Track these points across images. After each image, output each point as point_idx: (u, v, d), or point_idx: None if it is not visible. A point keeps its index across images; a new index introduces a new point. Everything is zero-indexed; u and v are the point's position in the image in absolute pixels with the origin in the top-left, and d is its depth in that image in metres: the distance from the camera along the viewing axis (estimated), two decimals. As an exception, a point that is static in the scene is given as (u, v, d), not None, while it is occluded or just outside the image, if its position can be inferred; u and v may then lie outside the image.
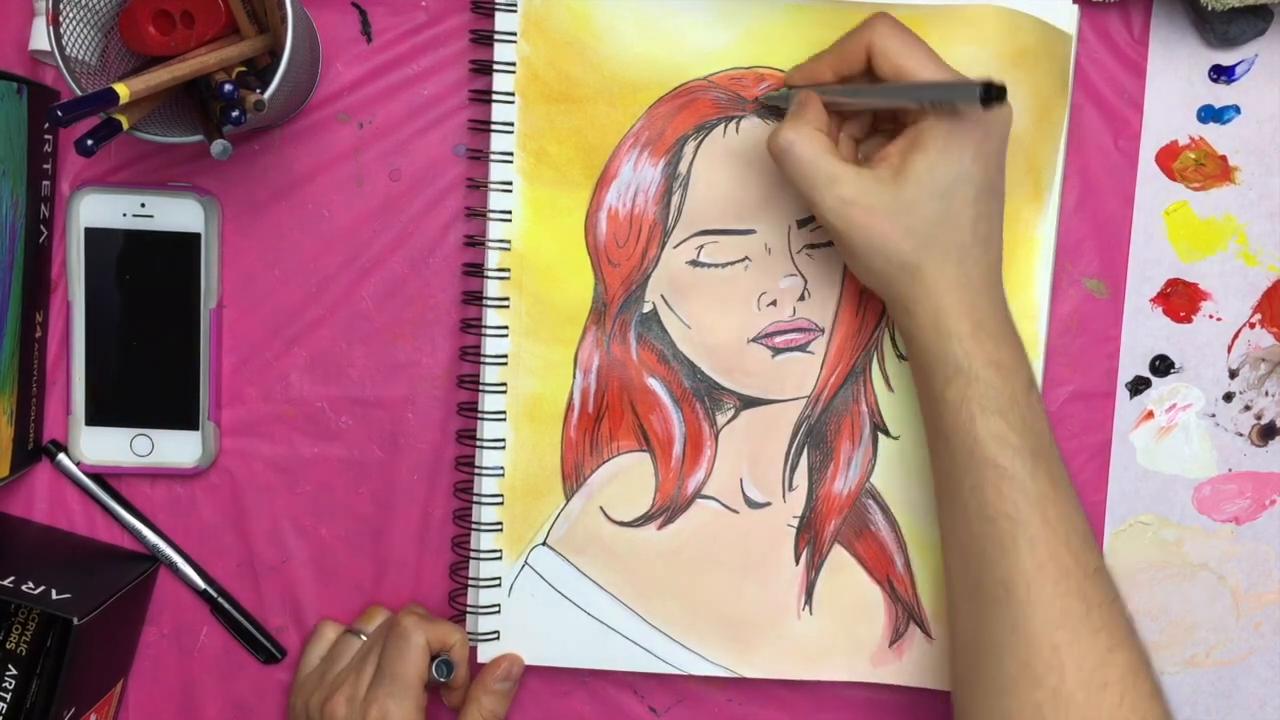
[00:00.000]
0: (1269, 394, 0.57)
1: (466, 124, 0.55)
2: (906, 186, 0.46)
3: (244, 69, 0.47)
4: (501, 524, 0.55)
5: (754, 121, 0.54)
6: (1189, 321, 0.57)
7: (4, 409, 0.52)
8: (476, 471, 0.55)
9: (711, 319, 0.55)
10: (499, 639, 0.55)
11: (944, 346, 0.47)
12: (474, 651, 0.55)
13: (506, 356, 0.54)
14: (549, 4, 0.53)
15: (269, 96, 0.45)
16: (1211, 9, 0.53)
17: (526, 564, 0.55)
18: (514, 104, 0.54)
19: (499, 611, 0.55)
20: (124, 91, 0.42)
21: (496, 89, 0.53)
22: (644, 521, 0.55)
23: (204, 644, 0.57)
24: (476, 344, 0.55)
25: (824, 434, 0.56)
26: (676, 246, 0.54)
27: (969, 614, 0.48)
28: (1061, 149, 0.54)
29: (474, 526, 0.55)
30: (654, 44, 0.54)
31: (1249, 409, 0.57)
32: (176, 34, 0.48)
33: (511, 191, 0.54)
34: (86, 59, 0.47)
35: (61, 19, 0.45)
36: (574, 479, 0.55)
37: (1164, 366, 0.57)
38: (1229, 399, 0.57)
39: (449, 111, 0.55)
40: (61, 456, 0.55)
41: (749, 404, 0.55)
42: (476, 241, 0.55)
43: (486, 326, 0.54)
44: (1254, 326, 0.57)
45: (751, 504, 0.56)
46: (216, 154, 0.44)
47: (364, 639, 0.55)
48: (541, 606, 0.55)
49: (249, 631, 0.57)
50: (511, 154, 0.54)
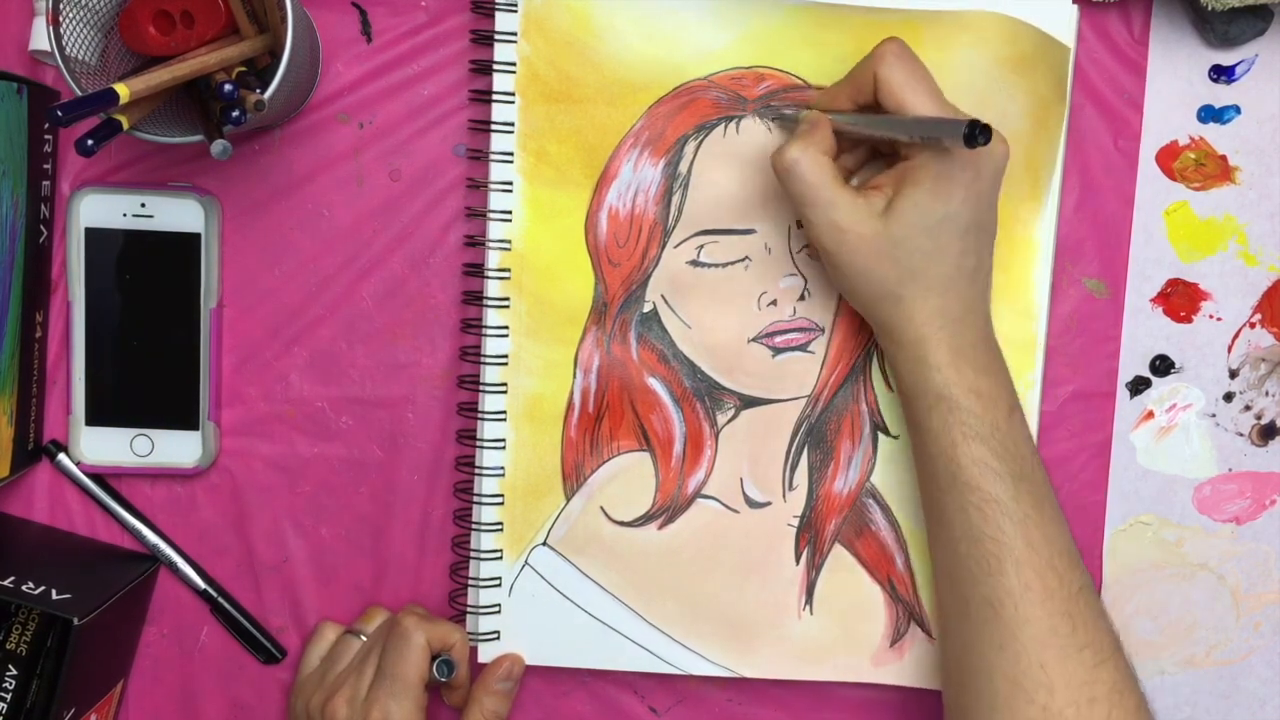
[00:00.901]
0: (1269, 394, 0.57)
1: (466, 124, 0.55)
2: (896, 221, 0.47)
3: (244, 69, 0.47)
4: (502, 524, 0.55)
5: (754, 121, 0.54)
6: (1189, 321, 0.57)
7: (4, 409, 0.52)
8: (477, 471, 0.55)
9: (712, 319, 0.55)
10: (499, 639, 0.55)
11: (925, 375, 0.48)
12: (474, 651, 0.55)
13: (507, 356, 0.54)
14: (549, 4, 0.53)
15: (269, 96, 0.45)
16: (1211, 9, 0.53)
17: (527, 564, 0.55)
18: (514, 104, 0.54)
19: (499, 611, 0.55)
20: (124, 91, 0.42)
21: (496, 89, 0.53)
22: (644, 521, 0.55)
23: (204, 644, 0.57)
24: (476, 344, 0.55)
25: (824, 433, 0.56)
26: (677, 246, 0.54)
27: (958, 633, 0.49)
28: (1060, 150, 0.54)
29: (474, 526, 0.55)
30: (654, 44, 0.54)
31: (1249, 409, 0.57)
32: (176, 34, 0.48)
33: (512, 191, 0.54)
34: (86, 59, 0.47)
35: (61, 19, 0.45)
36: (574, 479, 0.55)
37: (1164, 366, 0.57)
38: (1229, 399, 0.57)
39: (449, 111, 0.55)
40: (61, 456, 0.55)
41: (749, 404, 0.55)
42: (477, 241, 0.55)
43: (487, 326, 0.54)
44: (1254, 326, 0.57)
45: (752, 504, 0.56)
46: (216, 154, 0.44)
47: (364, 639, 0.55)
48: (542, 606, 0.55)
49: (249, 631, 0.57)
50: (512, 154, 0.54)
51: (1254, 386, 0.57)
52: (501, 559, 0.55)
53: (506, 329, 0.54)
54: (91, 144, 0.42)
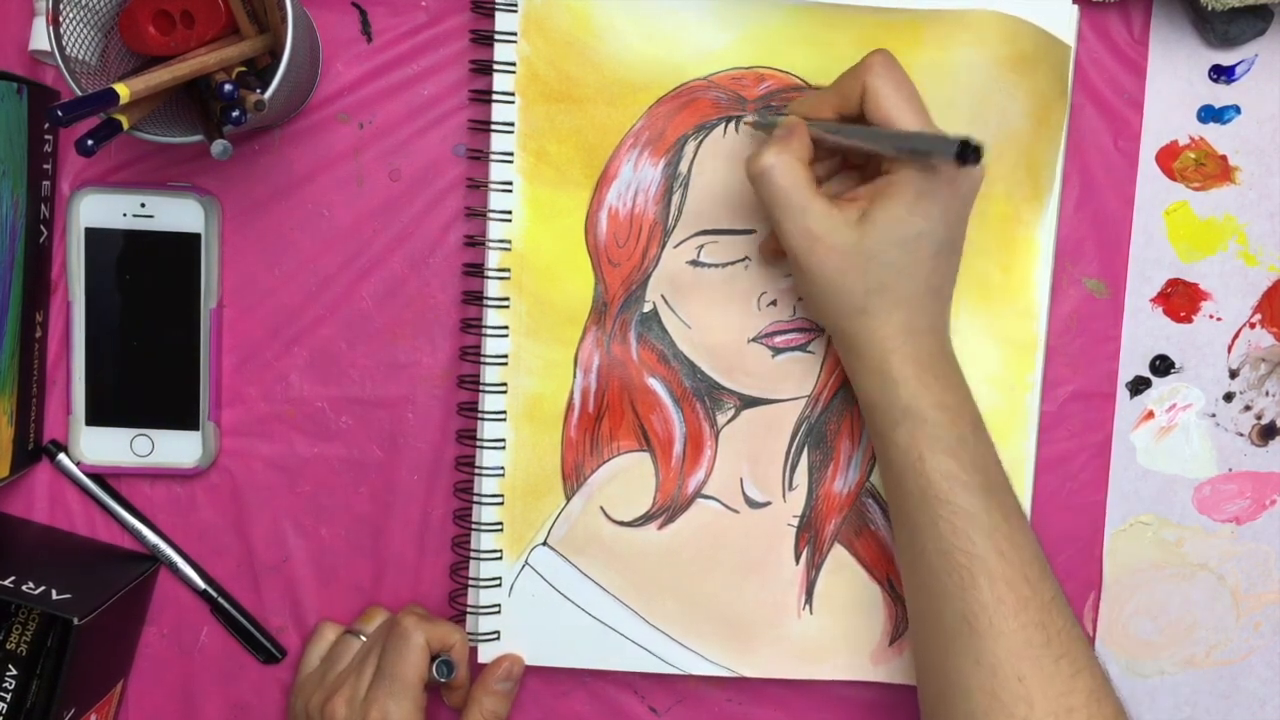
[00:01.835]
0: (1269, 394, 0.57)
1: (466, 124, 0.55)
2: (870, 233, 0.46)
3: (244, 69, 0.47)
4: (502, 524, 0.55)
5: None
6: (1189, 321, 0.57)
7: (4, 409, 0.52)
8: (477, 471, 0.55)
9: (712, 319, 0.55)
10: (499, 639, 0.55)
11: (890, 389, 0.48)
12: (474, 652, 0.55)
13: (507, 356, 0.54)
14: (549, 4, 0.53)
15: (269, 96, 0.45)
16: (1211, 9, 0.53)
17: (527, 564, 0.55)
18: (514, 104, 0.54)
19: (499, 611, 0.55)
20: (124, 91, 0.42)
21: (496, 89, 0.53)
22: (644, 521, 0.55)
23: (204, 644, 0.57)
24: (476, 344, 0.55)
25: (824, 433, 0.56)
26: (677, 246, 0.54)
27: (933, 647, 0.48)
28: (1061, 151, 0.54)
29: (474, 526, 0.55)
30: (654, 44, 0.54)
31: (1249, 409, 0.57)
32: (176, 34, 0.48)
33: (512, 191, 0.54)
34: (86, 59, 0.47)
35: (61, 19, 0.45)
36: (574, 479, 0.55)
37: (1164, 366, 0.57)
38: (1229, 399, 0.57)
39: (449, 111, 0.55)
40: (61, 457, 0.55)
41: (749, 404, 0.55)
42: (476, 241, 0.55)
43: (486, 326, 0.54)
44: (1254, 326, 0.57)
45: (752, 503, 0.56)
46: (216, 154, 0.44)
47: (364, 639, 0.55)
48: (542, 606, 0.55)
49: (249, 631, 0.57)
50: (512, 154, 0.54)
51: (1254, 386, 0.57)
52: (501, 559, 0.55)
53: (506, 329, 0.54)
54: (91, 144, 0.42)
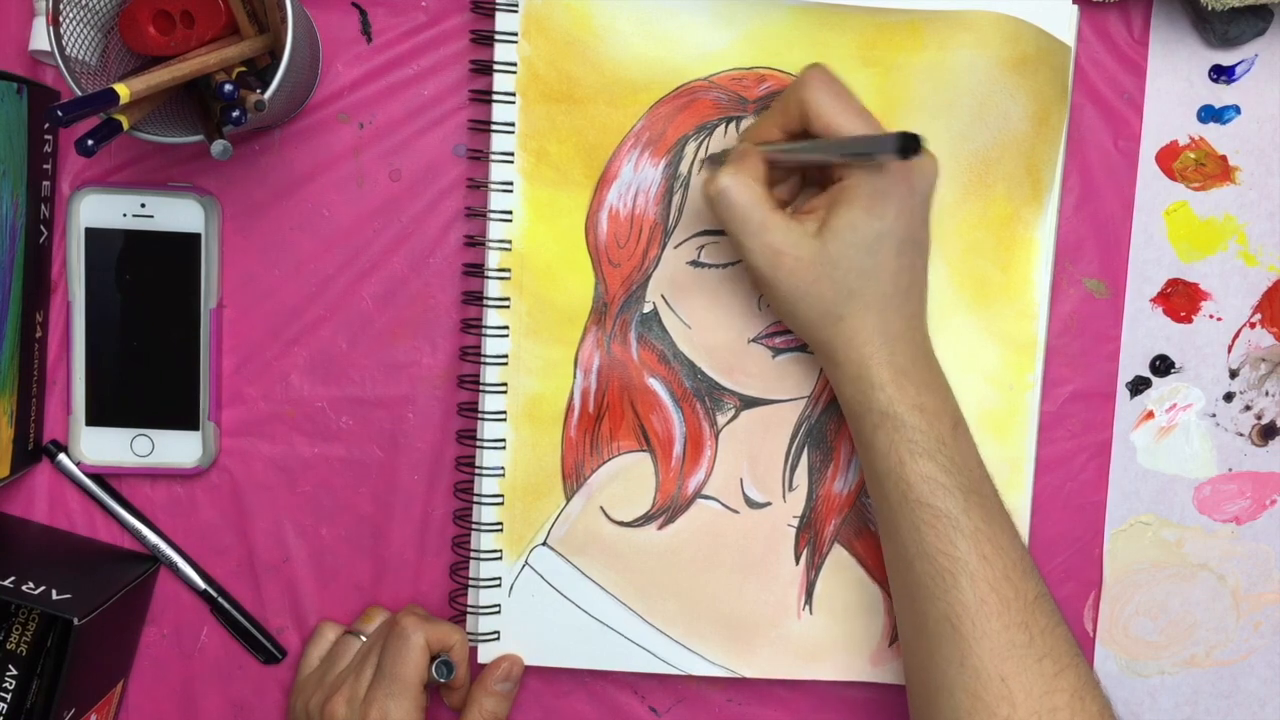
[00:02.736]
0: (1269, 394, 0.57)
1: (466, 124, 0.55)
2: (832, 240, 0.47)
3: (244, 69, 0.47)
4: (502, 524, 0.55)
5: (754, 122, 0.54)
6: (1189, 321, 0.57)
7: (4, 409, 0.52)
8: (477, 471, 0.55)
9: (712, 319, 0.55)
10: (499, 639, 0.55)
11: (868, 394, 0.48)
12: (474, 652, 0.55)
13: (507, 356, 0.54)
14: (549, 4, 0.53)
15: (269, 96, 0.45)
16: (1211, 9, 0.53)
17: (527, 564, 0.55)
18: (514, 104, 0.54)
19: (499, 612, 0.55)
20: (124, 91, 0.42)
21: (497, 89, 0.53)
22: (644, 521, 0.55)
23: (204, 644, 0.57)
24: (477, 344, 0.55)
25: (824, 434, 0.56)
26: (677, 247, 0.54)
27: (918, 649, 0.49)
28: (1061, 152, 0.54)
29: (474, 526, 0.55)
30: (655, 44, 0.54)
31: (1249, 409, 0.57)
32: (176, 34, 0.48)
33: (512, 191, 0.54)
34: (86, 59, 0.47)
35: (61, 19, 0.45)
36: (574, 479, 0.55)
37: (1164, 366, 0.57)
38: (1229, 399, 0.57)
39: (449, 111, 0.55)
40: (62, 457, 0.55)
41: (749, 404, 0.55)
42: (477, 241, 0.55)
43: (487, 326, 0.54)
44: (1254, 326, 0.57)
45: (752, 504, 0.56)
46: (217, 154, 0.44)
47: (364, 640, 0.55)
48: (542, 607, 0.55)
49: (249, 631, 0.57)
50: (512, 154, 0.54)
51: (1254, 386, 0.57)
52: (501, 559, 0.55)
53: (506, 329, 0.54)
54: (91, 144, 0.42)
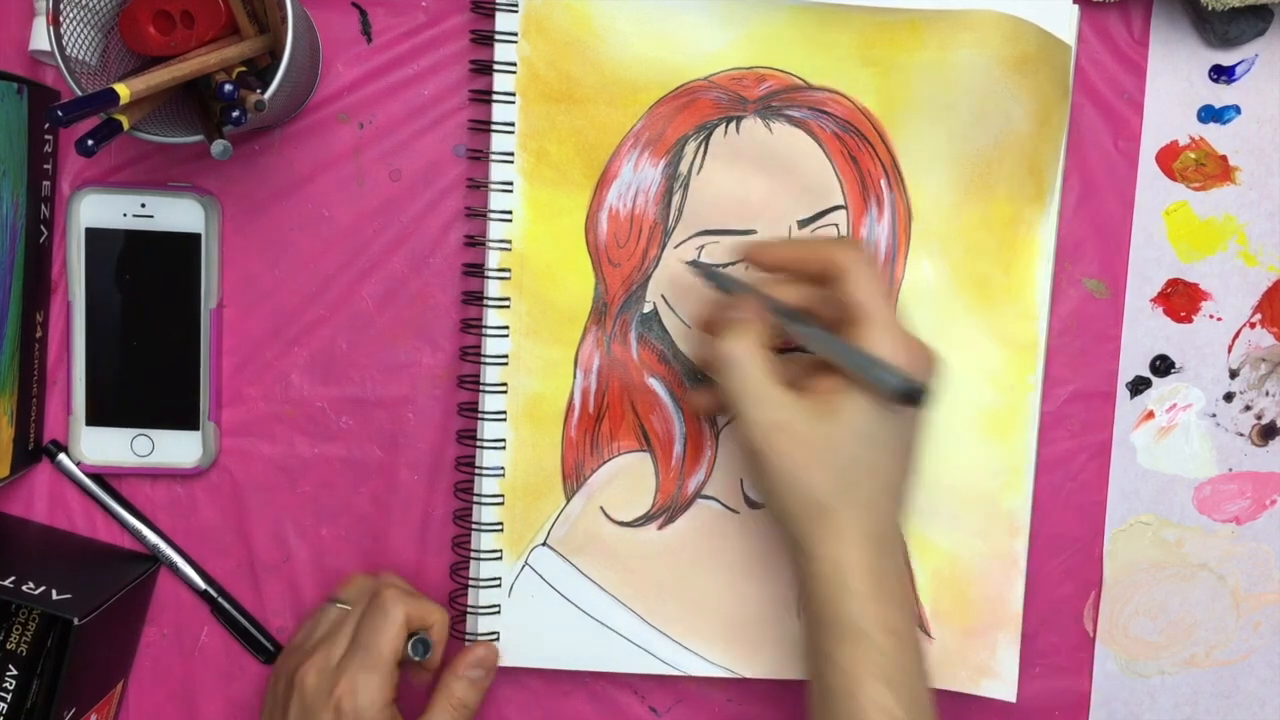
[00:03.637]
0: (1269, 394, 0.57)
1: (466, 124, 0.55)
2: (835, 424, 0.45)
3: (244, 69, 0.47)
4: (502, 524, 0.55)
5: (754, 122, 0.54)
6: (1189, 321, 0.57)
7: (4, 409, 0.52)
8: (477, 471, 0.55)
9: (712, 319, 0.55)
10: (499, 639, 0.55)
11: (842, 602, 0.46)
12: (474, 651, 0.55)
13: (507, 356, 0.54)
14: (549, 4, 0.53)
15: (269, 96, 0.45)
16: (1211, 9, 0.53)
17: (527, 564, 0.55)
18: (514, 104, 0.54)
19: (499, 612, 0.55)
20: (124, 91, 0.42)
21: (497, 89, 0.53)
22: (644, 522, 0.55)
23: (204, 644, 0.57)
24: (477, 344, 0.55)
25: (824, 434, 0.55)
26: (677, 247, 0.54)
27: None
28: (1062, 152, 0.54)
29: (474, 526, 0.55)
30: (654, 44, 0.54)
31: (1249, 409, 0.57)
32: (176, 34, 0.48)
33: (512, 191, 0.54)
34: (86, 59, 0.47)
35: (61, 19, 0.45)
36: (574, 479, 0.55)
37: (1164, 366, 0.57)
38: (1229, 399, 0.57)
39: (449, 111, 0.55)
40: (62, 457, 0.55)
41: (749, 404, 0.55)
42: (477, 241, 0.55)
43: (487, 326, 0.54)
44: (1254, 326, 0.57)
45: (752, 504, 0.56)
46: (217, 154, 0.44)
47: (340, 607, 0.53)
48: (542, 607, 0.55)
49: (249, 631, 0.57)
50: (512, 154, 0.54)
51: (1254, 386, 0.57)
52: (501, 559, 0.55)
53: (506, 329, 0.54)
54: (92, 144, 0.42)
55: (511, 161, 0.54)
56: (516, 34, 0.53)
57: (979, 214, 0.54)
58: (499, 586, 0.55)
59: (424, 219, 0.56)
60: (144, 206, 0.54)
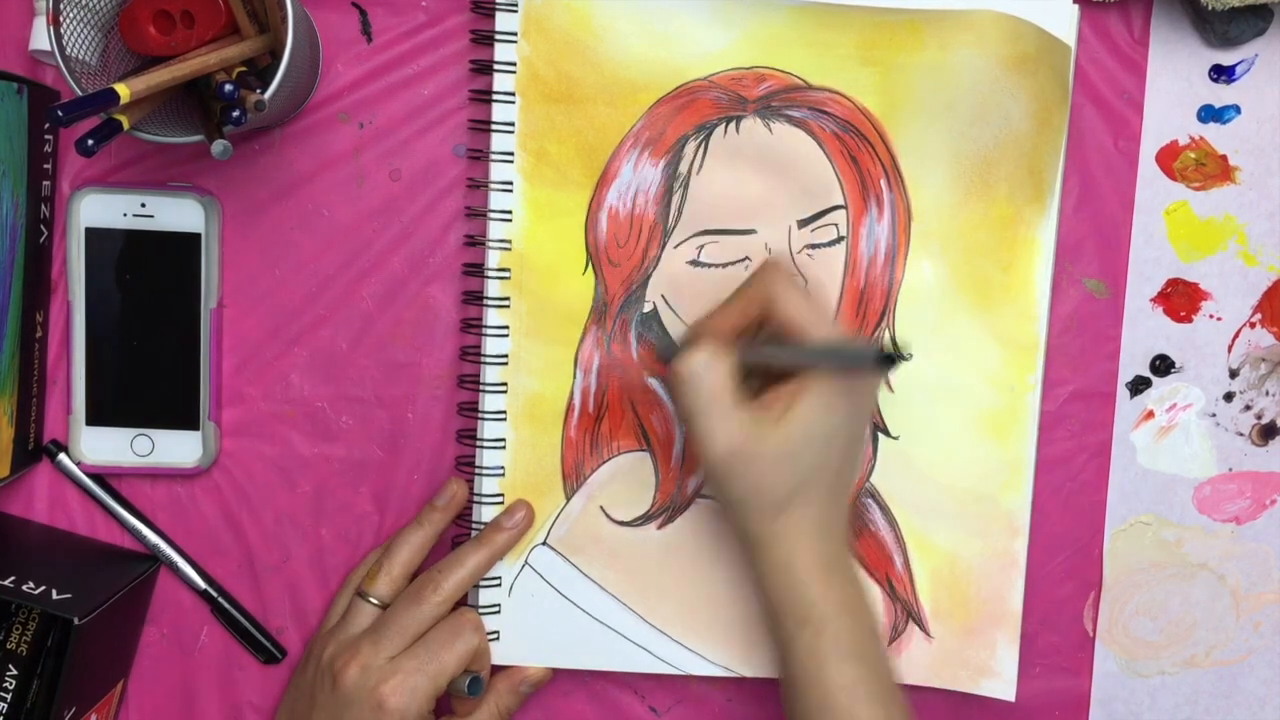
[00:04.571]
0: (1269, 394, 0.57)
1: (466, 124, 0.55)
2: (792, 434, 0.47)
3: (244, 69, 0.47)
4: (502, 524, 0.55)
5: (754, 121, 0.54)
6: (1189, 321, 0.57)
7: (4, 409, 0.52)
8: (477, 471, 0.55)
9: (712, 319, 0.55)
10: (499, 639, 0.55)
11: (795, 589, 0.48)
12: (474, 651, 0.55)
13: (507, 356, 0.54)
14: (549, 4, 0.53)
15: (269, 96, 0.45)
16: (1211, 9, 0.53)
17: (527, 564, 0.55)
18: (514, 104, 0.54)
19: (499, 611, 0.55)
20: (124, 91, 0.42)
21: (497, 89, 0.53)
22: (644, 521, 0.55)
23: (204, 644, 0.57)
24: (477, 344, 0.55)
25: (824, 434, 0.56)
26: (677, 246, 0.54)
27: None
28: (1062, 152, 0.54)
29: (474, 526, 0.55)
30: (654, 44, 0.54)
31: (1249, 409, 0.57)
32: (176, 34, 0.48)
33: (512, 191, 0.54)
34: (86, 59, 0.47)
35: (61, 19, 0.45)
36: (574, 479, 0.55)
37: (1164, 366, 0.57)
38: (1229, 399, 0.57)
39: (449, 111, 0.55)
40: (62, 457, 0.55)
41: (749, 404, 0.55)
42: (477, 241, 0.55)
43: (487, 326, 0.54)
44: (1254, 326, 0.57)
45: (752, 504, 0.56)
46: (217, 154, 0.44)
47: (374, 603, 0.53)
48: (541, 606, 0.55)
49: (249, 631, 0.57)
50: (512, 154, 0.54)
51: (1254, 386, 0.57)
52: (501, 559, 0.55)
53: (506, 329, 0.54)
54: (92, 144, 0.42)
55: (511, 161, 0.54)
56: (516, 34, 0.53)
57: (979, 214, 0.54)
58: (499, 586, 0.55)
59: (424, 219, 0.56)
60: (144, 206, 0.54)
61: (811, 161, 0.54)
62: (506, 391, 0.55)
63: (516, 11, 0.53)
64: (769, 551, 0.49)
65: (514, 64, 0.53)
